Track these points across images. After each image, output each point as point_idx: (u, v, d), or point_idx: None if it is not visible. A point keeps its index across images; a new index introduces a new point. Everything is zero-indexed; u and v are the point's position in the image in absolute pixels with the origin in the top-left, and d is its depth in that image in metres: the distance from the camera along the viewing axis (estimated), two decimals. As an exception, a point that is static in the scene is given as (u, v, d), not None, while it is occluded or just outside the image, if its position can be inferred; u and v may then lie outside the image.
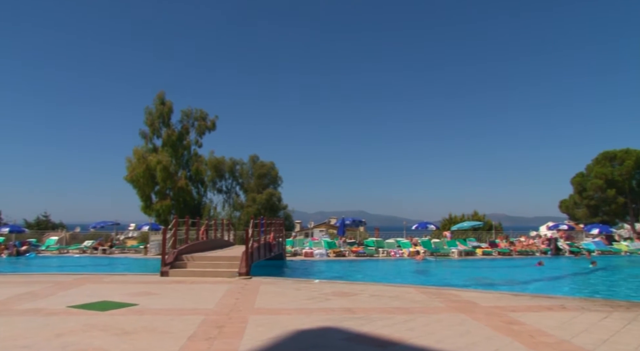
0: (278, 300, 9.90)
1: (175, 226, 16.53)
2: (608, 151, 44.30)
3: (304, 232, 46.40)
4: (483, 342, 6.11)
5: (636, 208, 43.21)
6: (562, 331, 6.77)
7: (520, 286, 15.35)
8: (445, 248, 27.57)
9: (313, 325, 7.17)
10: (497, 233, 35.29)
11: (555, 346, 5.94)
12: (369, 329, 6.86)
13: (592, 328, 6.99)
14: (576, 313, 8.21)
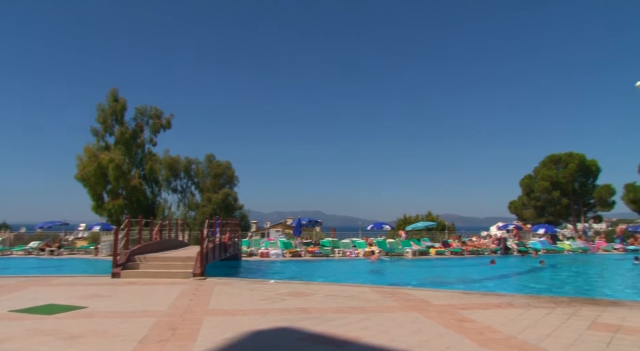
0: (233, 300, 9.82)
1: (127, 226, 16.12)
2: (554, 155, 46.20)
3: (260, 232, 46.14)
4: (435, 340, 6.25)
5: (578, 208, 45.25)
6: (510, 327, 7.02)
7: (471, 284, 15.78)
8: (400, 248, 28.01)
9: (268, 325, 7.15)
10: (450, 233, 36.17)
11: (503, 342, 6.15)
12: (324, 328, 6.90)
13: (537, 324, 7.28)
14: (523, 310, 8.52)
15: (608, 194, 44.20)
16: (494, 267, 21.76)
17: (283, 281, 13.44)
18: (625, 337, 6.46)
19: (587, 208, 45.84)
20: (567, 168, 44.36)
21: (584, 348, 5.89)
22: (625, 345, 6.03)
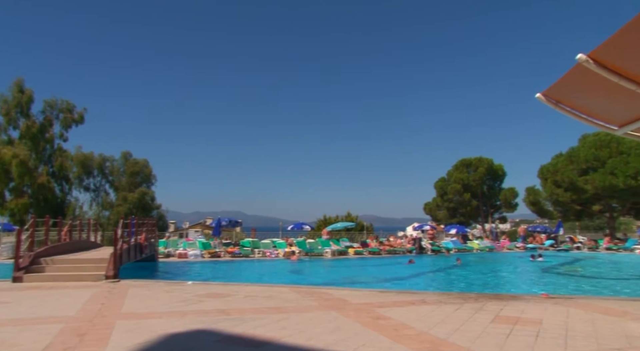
0: (148, 303, 9.49)
1: (32, 227, 15.08)
2: (465, 159, 48.80)
3: (178, 232, 44.91)
4: (352, 338, 6.42)
5: (486, 210, 48.16)
6: (422, 323, 7.36)
7: (388, 283, 16.31)
8: (320, 248, 28.36)
9: (185, 327, 6.99)
10: (368, 233, 37.13)
11: (416, 337, 6.45)
12: (242, 330, 6.86)
13: (447, 319, 7.69)
14: (435, 307, 8.96)
15: (512, 196, 47.41)
16: (411, 266, 22.62)
17: (201, 283, 13.19)
18: (523, 328, 7.00)
19: (494, 210, 48.89)
20: (477, 172, 47.06)
21: (487, 340, 6.30)
22: (523, 335, 6.53)
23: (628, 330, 6.99)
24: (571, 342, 6.20)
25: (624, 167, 34.93)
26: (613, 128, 8.32)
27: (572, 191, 38.96)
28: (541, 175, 42.85)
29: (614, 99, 7.08)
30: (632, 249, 31.11)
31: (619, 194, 36.17)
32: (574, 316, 8.03)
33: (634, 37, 5.47)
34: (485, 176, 47.60)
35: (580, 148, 39.53)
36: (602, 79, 6.24)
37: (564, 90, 7.44)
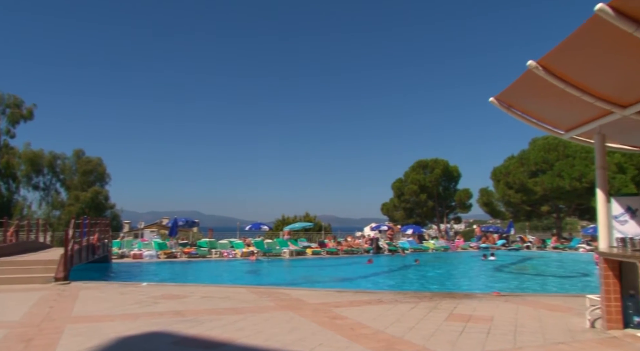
0: (101, 305, 9.22)
1: (-25, 227, 14.39)
2: (421, 160, 49.75)
3: (133, 233, 43.82)
4: (309, 337, 6.45)
5: (441, 211, 49.27)
6: (378, 322, 7.47)
7: (345, 283, 16.44)
8: (278, 248, 28.29)
9: (139, 330, 6.84)
10: (326, 234, 37.31)
11: (372, 336, 6.54)
12: (198, 331, 6.78)
13: (403, 318, 7.83)
14: (391, 306, 9.11)
15: (466, 197, 48.70)
16: (369, 265, 22.88)
17: (156, 284, 12.93)
18: (475, 325, 7.22)
19: (449, 210, 50.08)
20: (433, 173, 48.08)
21: (441, 337, 6.47)
22: (475, 332, 6.74)
23: (571, 324, 7.32)
24: (520, 338, 6.44)
25: (570, 170, 36.47)
26: (560, 132, 8.68)
27: (522, 192, 40.35)
28: (494, 177, 44.18)
29: (561, 105, 7.39)
30: (576, 248, 32.53)
31: (565, 195, 37.72)
32: (523, 313, 8.33)
33: (577, 47, 5.74)
34: (441, 177, 48.69)
35: (531, 151, 41.00)
36: (550, 85, 6.51)
37: (515, 95, 7.71)
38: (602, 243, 7.69)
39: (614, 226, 7.90)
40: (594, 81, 6.48)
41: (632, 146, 9.38)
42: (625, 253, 6.93)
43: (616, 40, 5.18)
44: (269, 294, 10.71)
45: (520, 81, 6.91)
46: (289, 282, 16.14)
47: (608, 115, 7.17)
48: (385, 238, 34.85)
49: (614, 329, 6.94)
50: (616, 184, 33.03)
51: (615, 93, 6.66)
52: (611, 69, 6.19)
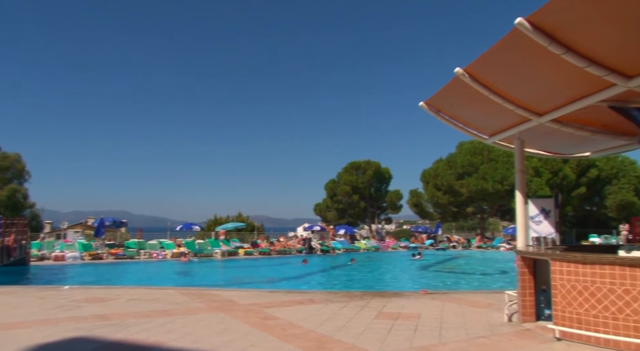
0: (16, 311, 8.66)
1: None
2: (354, 162, 50.59)
3: (55, 233, 41.44)
4: (240, 338, 6.40)
5: (373, 211, 50.35)
6: (310, 322, 7.53)
7: (278, 283, 16.42)
8: (209, 248, 27.81)
9: (59, 336, 6.50)
10: (259, 234, 37.08)
11: (303, 336, 6.59)
12: (124, 335, 6.54)
13: (334, 317, 7.94)
14: (322, 305, 9.21)
15: (397, 198, 50.07)
16: (301, 266, 22.97)
17: (79, 287, 12.33)
18: (403, 323, 7.45)
19: (380, 211, 51.25)
20: (365, 174, 49.02)
21: (371, 335, 6.62)
22: (403, 329, 6.96)
23: (491, 319, 7.73)
24: (445, 333, 6.72)
25: (493, 173, 38.43)
26: (484, 137, 9.15)
27: (450, 194, 42.04)
28: (423, 179, 45.72)
29: (485, 111, 7.80)
30: (498, 247, 34.39)
31: (489, 197, 39.71)
32: (448, 309, 8.70)
33: (499, 57, 6.08)
34: (373, 178, 49.74)
35: (458, 154, 42.81)
36: (475, 92, 6.85)
37: (443, 100, 8.05)
38: (519, 242, 8.19)
39: (531, 226, 8.44)
40: (515, 90, 6.88)
41: (547, 151, 10.04)
42: (539, 251, 7.42)
43: (534, 53, 5.53)
44: (199, 295, 10.51)
45: (448, 86, 7.22)
46: (220, 283, 15.91)
47: (526, 122, 7.64)
48: (330, 237, 35.28)
49: (528, 322, 7.42)
50: (533, 187, 35.18)
51: (533, 102, 7.11)
52: (529, 79, 6.61)
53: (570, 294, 6.27)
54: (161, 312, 8.41)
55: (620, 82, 5.63)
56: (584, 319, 6.11)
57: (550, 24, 5.06)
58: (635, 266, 5.77)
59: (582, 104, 6.46)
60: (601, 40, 5.28)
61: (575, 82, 6.11)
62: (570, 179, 38.49)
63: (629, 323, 5.73)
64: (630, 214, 35.19)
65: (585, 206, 43.51)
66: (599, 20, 5.00)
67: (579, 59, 5.36)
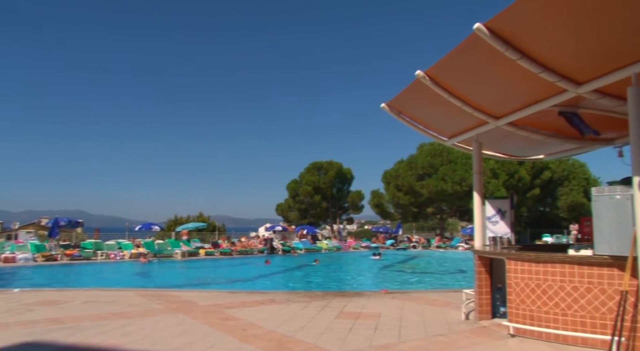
0: (-37, 315, 8.29)
1: None
2: (316, 162, 50.69)
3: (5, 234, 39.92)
4: (199, 340, 6.32)
5: (335, 211, 50.59)
6: (271, 322, 7.52)
7: (239, 283, 16.29)
8: (169, 249, 27.33)
9: (9, 341, 6.26)
10: (220, 234, 36.69)
11: (264, 336, 6.57)
12: (78, 339, 6.36)
13: (295, 317, 7.95)
14: (283, 305, 9.20)
15: (359, 199, 50.47)
16: (264, 266, 22.86)
17: (31, 289, 11.91)
18: (364, 322, 7.53)
19: (342, 211, 51.54)
20: (327, 175, 49.20)
21: (331, 335, 6.67)
22: (363, 328, 7.04)
23: (449, 317, 7.91)
24: (404, 332, 6.83)
25: (452, 174, 39.24)
26: (444, 139, 9.34)
27: (410, 194, 42.66)
28: (384, 179, 46.22)
29: (445, 113, 7.97)
30: (456, 246, 35.16)
31: (448, 198, 40.52)
32: (408, 308, 8.84)
33: (458, 60, 6.23)
34: (335, 179, 49.96)
35: (418, 156, 43.49)
36: (435, 94, 6.99)
37: (405, 102, 8.18)
38: (477, 241, 8.41)
39: (487, 226, 8.67)
40: (473, 93, 7.07)
41: (504, 153, 10.35)
42: (495, 251, 7.64)
43: (491, 58, 5.70)
44: (158, 296, 10.32)
45: (409, 89, 7.34)
46: (180, 284, 15.65)
47: (484, 125, 7.85)
48: (308, 238, 35.28)
49: (484, 319, 7.63)
50: (490, 188, 36.13)
51: (491, 105, 7.31)
52: (487, 83, 6.80)
53: (524, 292, 6.49)
54: (119, 314, 8.22)
55: (570, 88, 5.87)
56: (536, 316, 6.33)
57: (506, 31, 5.22)
58: (583, 264, 6.03)
59: (536, 109, 6.70)
60: (553, 48, 5.49)
61: (530, 87, 6.33)
62: (526, 181, 39.72)
63: (577, 318, 5.98)
64: (580, 214, 36.62)
65: (539, 207, 44.99)
66: (551, 29, 5.20)
67: (533, 65, 5.56)
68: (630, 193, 5.68)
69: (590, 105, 6.62)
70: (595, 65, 5.57)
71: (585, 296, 5.94)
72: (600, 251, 5.94)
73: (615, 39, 5.10)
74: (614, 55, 5.32)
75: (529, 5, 4.81)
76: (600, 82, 5.66)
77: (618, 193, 5.87)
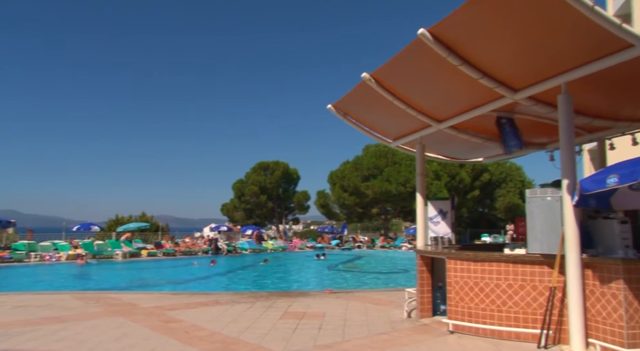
0: None
1: None
2: (263, 162, 50.42)
3: None
4: (140, 343, 6.15)
5: (281, 212, 50.51)
6: (214, 324, 7.42)
7: (182, 285, 15.96)
8: (109, 250, 26.38)
9: None
10: (163, 234, 35.80)
11: (207, 338, 6.47)
12: (7, 346, 6.03)
13: (239, 318, 7.88)
14: (228, 306, 9.10)
15: (305, 199, 50.63)
16: (208, 267, 22.49)
17: (-45, 294, 11.18)
18: (308, 322, 7.57)
19: (287, 211, 51.51)
20: (274, 175, 49.04)
21: (276, 335, 6.66)
22: (308, 328, 7.07)
23: (392, 316, 8.09)
24: (348, 331, 6.92)
25: (396, 175, 40.07)
26: (388, 141, 9.54)
27: (356, 195, 43.19)
28: (330, 180, 46.57)
29: (389, 116, 8.14)
30: (400, 246, 35.93)
31: (392, 198, 41.34)
32: (352, 308, 8.96)
33: (403, 64, 6.39)
34: (281, 179, 49.88)
35: (364, 157, 44.11)
36: (381, 96, 7.14)
37: (350, 103, 8.29)
38: (419, 241, 8.64)
39: (429, 227, 8.93)
40: (417, 96, 7.26)
41: (446, 156, 10.68)
42: (436, 250, 7.88)
43: (435, 63, 5.88)
44: (97, 299, 9.95)
45: (355, 91, 7.45)
46: (121, 286, 15.15)
47: (427, 128, 8.08)
48: (224, 238, 34.70)
49: (426, 317, 7.85)
50: (433, 190, 37.17)
51: (434, 109, 7.54)
52: (431, 87, 7.01)
53: (463, 290, 6.73)
54: (53, 319, 7.85)
55: (508, 95, 6.15)
56: (474, 312, 6.58)
57: (449, 37, 5.41)
58: (517, 262, 6.33)
59: (476, 113, 6.97)
60: (493, 55, 5.74)
61: (471, 92, 6.58)
62: (466, 183, 41.14)
63: (511, 314, 6.27)
64: (516, 215, 38.31)
65: (478, 208, 46.72)
66: (490, 38, 5.44)
67: (473, 70, 5.78)
68: (559, 195, 6.02)
69: (525, 111, 6.95)
70: (531, 73, 5.87)
71: (519, 292, 6.24)
72: (533, 250, 6.25)
73: (548, 50, 5.40)
74: (547, 65, 5.63)
75: (470, 14, 5.00)
76: (535, 90, 5.97)
77: (549, 195, 6.20)
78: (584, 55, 5.24)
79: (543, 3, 4.59)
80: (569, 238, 5.76)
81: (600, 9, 4.40)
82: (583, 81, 5.57)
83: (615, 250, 5.73)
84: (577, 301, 5.74)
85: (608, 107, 6.89)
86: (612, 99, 6.57)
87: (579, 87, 5.80)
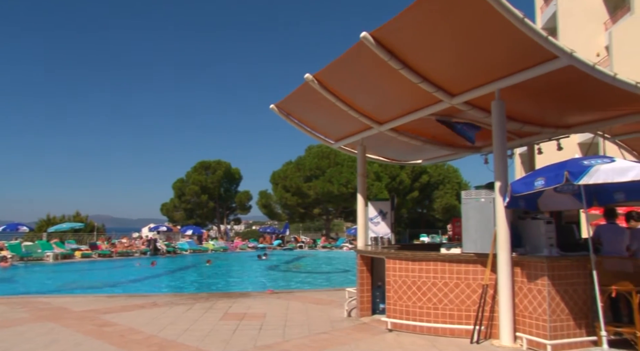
0: None
1: None
2: (204, 161, 49.58)
3: None
4: (72, 349, 5.90)
5: (222, 212, 49.83)
6: (152, 326, 7.22)
7: (119, 287, 15.41)
8: (39, 251, 25.05)
9: None
10: (99, 235, 34.43)
11: (144, 341, 6.29)
12: None
13: (178, 320, 7.71)
14: (166, 308, 8.88)
15: (246, 199, 50.22)
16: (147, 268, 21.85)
17: None
18: (249, 322, 7.52)
19: (229, 211, 50.88)
20: (215, 174, 48.33)
21: (216, 337, 6.57)
22: (248, 329, 7.02)
23: (332, 315, 8.18)
24: (288, 331, 6.93)
25: (338, 176, 40.51)
26: (330, 142, 9.64)
27: (298, 195, 43.28)
28: (273, 180, 46.42)
29: (332, 117, 8.23)
30: (341, 246, 36.34)
31: (334, 199, 41.75)
32: (293, 308, 8.98)
33: (346, 66, 6.49)
34: (223, 178, 49.24)
35: (306, 158, 44.29)
36: (323, 98, 7.20)
37: (293, 104, 8.31)
38: (359, 242, 8.78)
39: (370, 227, 9.09)
40: (359, 98, 7.38)
41: (386, 157, 10.91)
42: (376, 250, 8.04)
43: (377, 66, 6.01)
44: (24, 304, 9.44)
45: (298, 91, 7.48)
46: (51, 289, 14.43)
47: (369, 129, 8.23)
48: (164, 238, 33.79)
49: (365, 316, 8.00)
50: (374, 190, 37.85)
51: (375, 111, 7.69)
52: (372, 89, 7.14)
53: (401, 288, 6.90)
54: (-26, 325, 7.38)
55: (445, 99, 6.37)
56: (411, 310, 6.76)
57: (390, 41, 5.54)
58: (452, 261, 6.57)
59: (416, 116, 7.18)
60: (432, 61, 5.93)
61: (411, 96, 6.77)
62: (406, 184, 42.18)
63: (446, 311, 6.51)
64: (453, 215, 39.72)
65: (417, 209, 48.04)
66: (429, 43, 5.62)
67: (413, 75, 5.95)
68: (492, 196, 6.30)
69: (462, 116, 7.22)
70: (467, 79, 6.11)
71: (454, 290, 6.48)
72: (467, 249, 6.51)
73: (483, 58, 5.65)
74: (482, 72, 5.88)
75: (411, 19, 5.15)
76: (471, 95, 6.22)
77: (483, 196, 6.48)
78: (516, 64, 5.53)
79: (479, 13, 4.79)
80: (500, 238, 6.04)
81: (529, 21, 4.65)
82: (515, 88, 5.86)
83: (541, 249, 6.07)
84: (506, 297, 6.03)
85: (537, 114, 7.28)
86: (540, 107, 6.94)
87: (511, 94, 6.09)
